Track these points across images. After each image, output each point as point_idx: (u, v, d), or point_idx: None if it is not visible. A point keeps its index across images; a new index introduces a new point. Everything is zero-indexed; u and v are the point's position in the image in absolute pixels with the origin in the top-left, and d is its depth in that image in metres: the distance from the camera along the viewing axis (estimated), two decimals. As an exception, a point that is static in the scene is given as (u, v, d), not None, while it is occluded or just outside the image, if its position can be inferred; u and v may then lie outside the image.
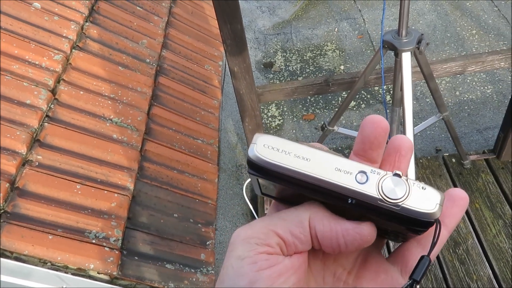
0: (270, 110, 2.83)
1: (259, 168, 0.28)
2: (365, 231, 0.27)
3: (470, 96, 2.69)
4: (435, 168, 2.06)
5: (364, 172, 0.27)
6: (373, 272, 0.30)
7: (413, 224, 0.26)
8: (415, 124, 1.75)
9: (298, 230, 0.28)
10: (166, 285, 1.38)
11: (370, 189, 0.26)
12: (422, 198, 0.26)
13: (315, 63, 3.11)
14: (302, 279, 0.28)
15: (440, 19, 3.24)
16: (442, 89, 2.73)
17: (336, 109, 1.79)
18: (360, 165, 0.27)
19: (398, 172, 0.27)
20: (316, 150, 0.28)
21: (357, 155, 0.30)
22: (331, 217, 0.28)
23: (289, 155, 0.27)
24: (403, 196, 0.26)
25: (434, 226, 0.27)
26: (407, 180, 0.26)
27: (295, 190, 0.28)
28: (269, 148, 0.28)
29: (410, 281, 0.27)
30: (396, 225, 0.27)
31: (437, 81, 2.67)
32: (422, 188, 0.26)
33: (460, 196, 0.30)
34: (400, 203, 0.26)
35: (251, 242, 0.28)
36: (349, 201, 0.27)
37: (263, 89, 1.70)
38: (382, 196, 0.26)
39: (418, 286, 0.28)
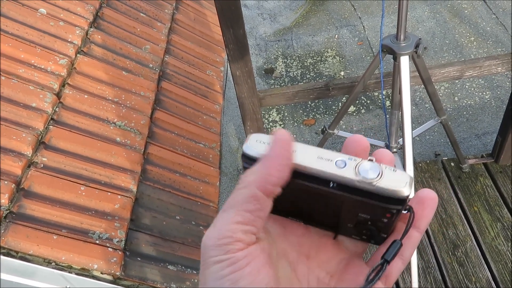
0: (271, 115, 2.86)
1: (251, 160, 0.31)
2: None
3: (469, 102, 2.72)
4: (434, 172, 2.08)
5: (343, 160, 0.30)
6: (354, 275, 0.33)
7: (387, 201, 0.29)
8: (413, 129, 1.77)
9: (253, 204, 0.29)
10: (168, 286, 1.40)
11: (348, 172, 0.29)
12: (394, 179, 0.29)
13: (315, 69, 3.14)
14: (275, 273, 0.30)
15: (439, 26, 3.28)
16: (441, 94, 2.76)
17: (336, 114, 1.82)
18: (339, 154, 0.30)
19: (371, 158, 0.30)
20: (301, 143, 0.31)
21: None
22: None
23: None
24: (377, 177, 0.29)
25: (408, 214, 0.31)
26: (380, 164, 0.29)
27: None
28: (260, 143, 0.31)
29: (382, 261, 0.31)
30: (372, 207, 0.30)
31: (436, 86, 2.70)
32: (393, 170, 0.29)
33: (428, 197, 0.32)
34: (374, 183, 0.28)
35: (223, 243, 0.28)
36: (331, 185, 0.30)
37: (264, 93, 1.72)
38: (359, 177, 0.29)
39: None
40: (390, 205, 0.29)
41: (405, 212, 0.32)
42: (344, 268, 0.33)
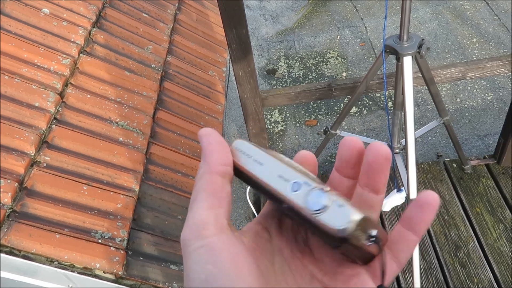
0: (273, 116, 2.86)
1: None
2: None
3: (471, 103, 2.72)
4: (436, 173, 2.08)
5: (298, 183, 0.29)
6: (347, 276, 0.32)
7: (326, 237, 0.28)
8: (416, 130, 1.77)
9: (212, 187, 0.30)
10: (170, 285, 1.40)
11: (297, 198, 0.28)
12: (337, 215, 0.27)
13: (317, 70, 3.14)
14: (258, 266, 0.30)
15: (441, 28, 3.28)
16: (443, 96, 2.76)
17: (338, 115, 1.82)
18: (299, 176, 0.29)
19: (326, 188, 0.28)
20: (273, 158, 0.31)
21: (338, 171, 0.33)
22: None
23: (249, 158, 0.32)
24: (320, 210, 0.27)
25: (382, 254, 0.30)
26: (331, 195, 0.28)
27: (251, 186, 0.33)
28: (239, 151, 0.32)
29: None
30: (322, 236, 0.29)
31: (438, 87, 2.70)
32: (340, 205, 0.27)
33: (429, 200, 0.30)
34: (316, 215, 0.28)
35: (196, 231, 0.29)
36: (283, 205, 0.29)
37: (267, 93, 1.73)
38: (304, 206, 0.28)
39: None
40: (329, 241, 0.28)
41: (371, 244, 0.29)
42: (338, 267, 0.33)
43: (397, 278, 1.75)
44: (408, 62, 1.29)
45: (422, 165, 2.12)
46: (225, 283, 0.27)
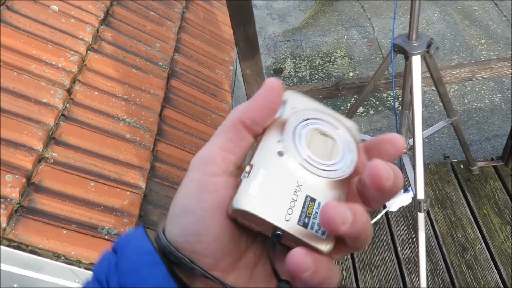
0: (279, 115, 2.86)
1: None
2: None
3: (479, 104, 2.70)
4: (443, 174, 2.07)
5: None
6: (263, 275, 0.31)
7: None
8: (423, 130, 1.76)
9: (233, 132, 0.30)
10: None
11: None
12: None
13: (324, 70, 3.13)
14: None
15: (449, 28, 3.26)
16: (450, 96, 2.75)
17: (345, 115, 1.81)
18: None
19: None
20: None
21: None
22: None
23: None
24: None
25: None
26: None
27: None
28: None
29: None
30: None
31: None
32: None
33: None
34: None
35: (201, 163, 0.29)
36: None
37: (273, 92, 1.72)
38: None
39: None
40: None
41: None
42: (257, 262, 0.31)
43: (403, 279, 1.74)
44: (417, 62, 1.29)
45: (429, 166, 2.10)
46: (196, 224, 0.28)
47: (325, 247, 0.27)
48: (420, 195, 1.35)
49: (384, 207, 1.93)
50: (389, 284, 1.73)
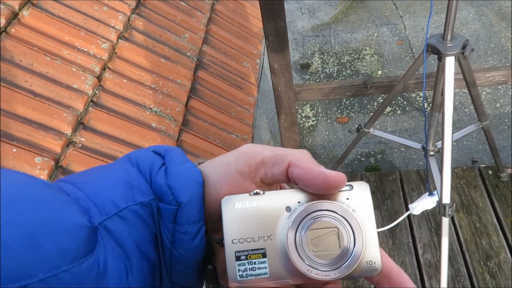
0: (304, 111, 2.84)
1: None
2: (331, 178, 0.29)
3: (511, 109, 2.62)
4: (470, 179, 2.02)
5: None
6: None
7: None
8: (452, 133, 1.72)
9: (277, 167, 0.31)
10: None
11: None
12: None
13: (352, 67, 3.09)
14: None
15: (484, 29, 3.17)
16: (482, 100, 2.67)
17: (371, 113, 1.79)
18: None
19: None
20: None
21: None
22: (307, 162, 0.31)
23: None
24: None
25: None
26: None
27: None
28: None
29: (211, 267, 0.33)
30: None
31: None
32: None
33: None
34: None
35: (256, 169, 0.31)
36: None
37: (300, 87, 1.71)
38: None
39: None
40: None
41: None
42: None
43: (423, 283, 1.72)
44: (450, 63, 1.25)
45: (456, 170, 2.06)
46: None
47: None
48: (446, 199, 1.32)
49: (407, 209, 1.90)
50: (408, 288, 1.70)
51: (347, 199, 0.30)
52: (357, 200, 0.30)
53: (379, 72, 3.01)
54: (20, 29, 1.43)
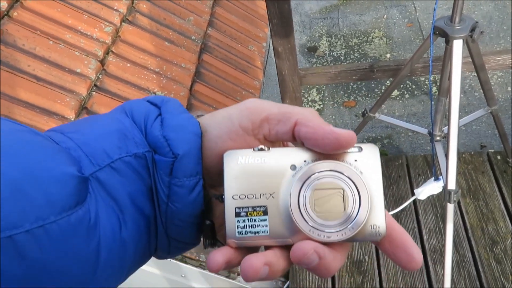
0: (310, 95, 2.82)
1: None
2: (342, 137, 0.28)
3: (523, 93, 2.57)
4: (478, 164, 1.99)
5: None
6: None
7: None
8: (460, 117, 1.69)
9: (283, 125, 0.30)
10: (198, 256, 1.43)
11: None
12: None
13: (360, 50, 3.05)
14: None
15: (497, 11, 3.09)
16: (493, 83, 2.62)
17: (378, 97, 1.76)
18: None
19: None
20: None
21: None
22: (316, 121, 0.30)
23: None
24: None
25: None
26: None
27: None
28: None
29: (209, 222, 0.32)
30: None
31: (488, 75, 2.56)
32: None
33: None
34: None
35: (260, 126, 0.30)
36: None
37: (305, 71, 1.69)
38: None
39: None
40: None
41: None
42: None
43: (427, 269, 1.71)
44: (458, 46, 1.22)
45: (464, 155, 2.03)
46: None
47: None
48: (451, 185, 1.31)
49: (413, 194, 1.88)
50: (412, 273, 1.70)
51: (355, 160, 0.29)
52: (365, 162, 0.29)
53: (388, 55, 2.96)
54: (22, 13, 1.42)
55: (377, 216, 0.29)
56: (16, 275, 0.23)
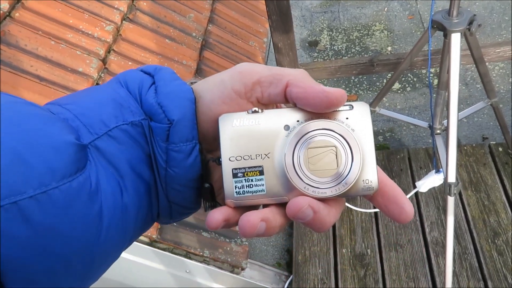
0: (312, 89, 2.82)
1: None
2: (332, 95, 0.29)
3: (525, 84, 2.56)
4: (480, 156, 2.00)
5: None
6: None
7: None
8: (461, 110, 1.70)
9: (274, 87, 0.31)
10: (202, 251, 1.45)
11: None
12: None
13: (361, 43, 3.04)
14: None
15: (499, 1, 3.07)
16: (494, 75, 2.61)
17: (379, 91, 1.76)
18: None
19: None
20: None
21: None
22: (307, 81, 0.31)
23: None
24: None
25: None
26: None
27: None
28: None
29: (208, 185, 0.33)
30: None
31: (489, 66, 2.55)
32: None
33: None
34: None
35: (251, 89, 0.31)
36: None
37: (306, 66, 1.69)
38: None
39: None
40: None
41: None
42: None
43: (429, 261, 1.73)
44: (456, 39, 1.23)
45: (465, 147, 2.04)
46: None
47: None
48: (451, 178, 1.32)
49: (414, 187, 1.89)
50: (415, 265, 1.72)
51: (347, 118, 0.30)
52: (356, 120, 0.30)
53: (389, 48, 2.96)
54: (24, 13, 1.43)
55: (369, 171, 0.30)
56: (24, 239, 0.24)
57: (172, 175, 0.31)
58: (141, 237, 1.30)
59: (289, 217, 0.29)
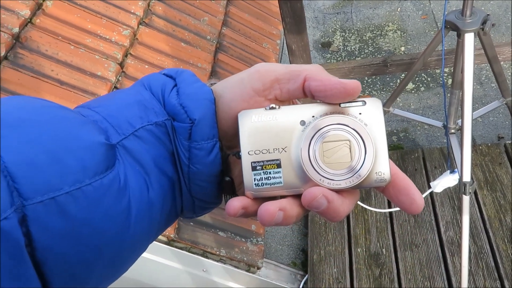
0: (325, 90, 2.83)
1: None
2: (348, 85, 0.31)
3: (541, 83, 2.53)
4: (495, 155, 1.99)
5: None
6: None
7: None
8: (476, 109, 1.69)
9: (293, 83, 0.33)
10: (218, 251, 1.47)
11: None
12: None
13: (374, 44, 3.04)
14: None
15: (514, -1, 3.04)
16: (509, 73, 2.59)
17: (393, 91, 1.77)
18: None
19: None
20: None
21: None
22: (323, 74, 0.33)
23: None
24: None
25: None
26: None
27: None
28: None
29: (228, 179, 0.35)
30: None
31: (505, 65, 2.53)
32: None
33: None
34: None
35: (270, 87, 0.33)
36: None
37: (319, 68, 1.71)
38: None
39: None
40: None
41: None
42: None
43: (445, 261, 1.72)
44: (469, 39, 1.23)
45: (481, 147, 2.03)
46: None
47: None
48: (466, 177, 1.32)
49: (429, 187, 1.89)
50: (430, 265, 1.72)
51: (360, 113, 0.32)
52: (369, 115, 0.32)
53: (402, 49, 2.95)
54: (44, 19, 1.48)
55: (381, 163, 0.31)
56: (61, 231, 0.26)
57: (195, 171, 0.33)
58: (160, 236, 1.33)
59: (304, 206, 0.31)
